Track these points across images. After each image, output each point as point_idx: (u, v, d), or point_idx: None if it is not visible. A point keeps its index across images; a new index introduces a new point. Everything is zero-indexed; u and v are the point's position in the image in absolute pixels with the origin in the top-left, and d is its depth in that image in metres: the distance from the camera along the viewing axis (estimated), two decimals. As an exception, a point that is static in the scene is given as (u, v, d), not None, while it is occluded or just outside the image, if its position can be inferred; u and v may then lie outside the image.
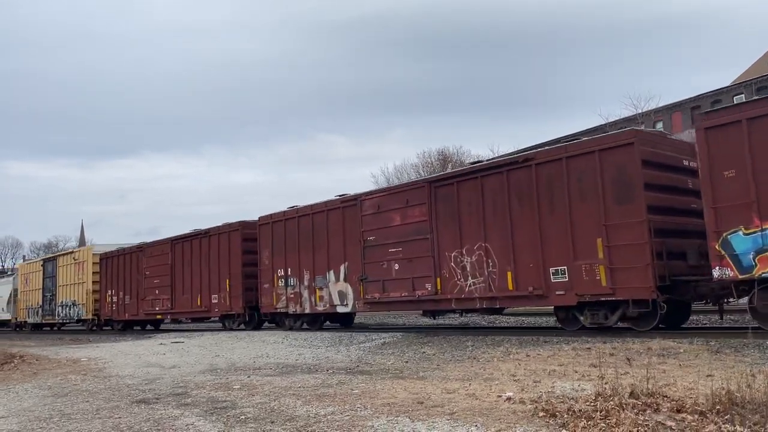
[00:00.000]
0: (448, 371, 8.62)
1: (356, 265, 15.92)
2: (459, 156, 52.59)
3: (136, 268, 25.27)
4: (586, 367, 7.95)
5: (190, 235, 22.48)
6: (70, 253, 30.90)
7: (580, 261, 11.55)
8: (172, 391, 8.27)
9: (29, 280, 34.21)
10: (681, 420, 4.61)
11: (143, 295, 24.52)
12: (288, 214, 18.35)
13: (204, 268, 21.30)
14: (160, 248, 23.94)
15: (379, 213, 15.41)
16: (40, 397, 8.65)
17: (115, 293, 26.73)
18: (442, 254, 13.95)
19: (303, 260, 17.63)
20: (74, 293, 29.10)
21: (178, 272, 22.70)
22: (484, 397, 6.35)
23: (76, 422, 6.56)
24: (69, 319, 29.80)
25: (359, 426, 5.40)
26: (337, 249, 16.51)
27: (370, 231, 15.61)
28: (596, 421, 4.76)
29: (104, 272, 27.60)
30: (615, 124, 38.75)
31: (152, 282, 24.00)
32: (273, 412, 6.35)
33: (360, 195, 16.22)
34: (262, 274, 19.07)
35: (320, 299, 17.03)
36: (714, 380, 5.84)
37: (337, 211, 16.74)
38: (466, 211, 13.58)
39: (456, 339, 12.51)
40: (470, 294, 13.32)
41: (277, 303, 18.42)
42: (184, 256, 22.47)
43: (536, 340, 11.24)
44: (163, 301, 23.30)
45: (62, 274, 30.34)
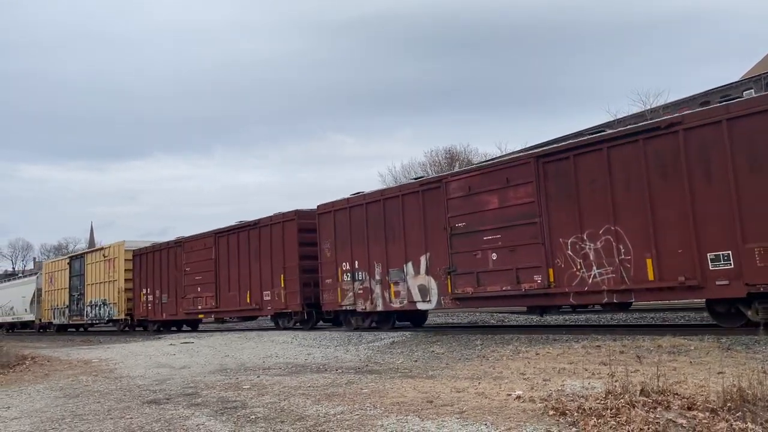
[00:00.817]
0: (458, 370, 8.62)
1: (441, 255, 13.97)
2: (466, 154, 52.47)
3: (173, 264, 23.37)
4: (596, 365, 7.92)
5: (236, 227, 20.57)
6: (99, 250, 29.16)
7: (752, 244, 9.61)
8: (182, 392, 8.31)
9: (54, 279, 32.55)
10: (692, 418, 4.59)
11: (183, 294, 22.64)
12: (353, 201, 16.47)
13: (254, 263, 19.47)
14: (201, 242, 22.04)
15: (470, 196, 13.40)
16: (51, 398, 8.72)
17: (150, 291, 24.86)
18: (554, 241, 11.97)
19: (373, 252, 15.67)
20: (104, 292, 27.45)
21: (223, 268, 20.86)
22: (494, 395, 6.34)
23: (88, 423, 6.60)
24: (99, 320, 28.18)
25: (369, 425, 5.41)
26: (417, 238, 14.59)
27: (458, 216, 13.62)
28: (606, 419, 4.74)
29: (138, 269, 25.75)
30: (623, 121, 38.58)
31: (193, 279, 22.17)
32: (283, 411, 6.37)
33: (444, 176, 14.37)
34: (323, 268, 17.16)
35: (395, 295, 15.07)
36: (725, 377, 5.81)
37: (414, 196, 14.78)
38: (587, 189, 11.54)
39: (465, 338, 12.49)
40: (595, 287, 11.34)
41: (342, 300, 16.47)
42: (230, 250, 20.60)
43: (546, 339, 11.21)
44: (206, 299, 21.54)
45: (91, 272, 28.73)
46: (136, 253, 26.01)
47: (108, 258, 27.46)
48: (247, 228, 20.06)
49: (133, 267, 26.02)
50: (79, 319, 29.71)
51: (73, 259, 31.36)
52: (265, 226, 19.30)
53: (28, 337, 30.22)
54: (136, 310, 25.74)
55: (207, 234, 21.97)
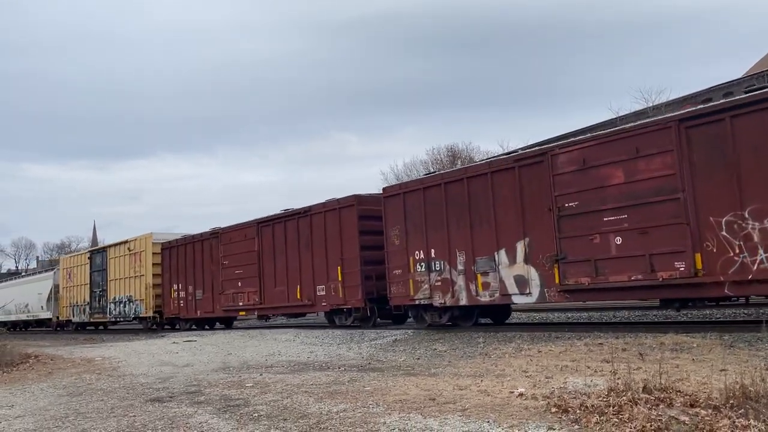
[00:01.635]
0: (460, 368, 8.63)
1: (544, 240, 12.12)
2: (468, 152, 52.44)
3: (209, 257, 21.42)
4: (598, 363, 7.93)
5: (282, 215, 18.81)
6: (123, 243, 26.54)
7: None
8: (185, 390, 8.33)
9: (73, 275, 30.67)
10: (694, 415, 4.59)
11: (221, 289, 20.70)
12: (427, 182, 14.66)
13: (305, 254, 17.71)
14: (242, 232, 20.10)
15: (586, 170, 11.50)
16: (55, 396, 8.75)
17: (182, 287, 22.87)
18: (703, 220, 10.15)
19: (455, 238, 13.79)
20: (130, 288, 25.53)
21: (267, 260, 18.95)
22: (496, 393, 6.35)
23: (92, 421, 6.63)
24: (123, 317, 26.41)
25: (371, 423, 5.42)
26: (511, 221, 12.72)
27: (569, 195, 11.74)
28: (609, 416, 4.75)
29: (167, 263, 23.74)
30: (625, 118, 38.50)
31: (232, 273, 20.28)
32: (285, 409, 6.38)
33: (549, 148, 12.33)
34: (390, 258, 15.26)
35: (484, 287, 13.20)
36: (728, 375, 5.80)
37: (508, 173, 12.86)
38: (749, 157, 9.71)
39: (467, 335, 12.50)
40: (763, 274, 9.46)
41: (415, 293, 14.60)
42: (275, 241, 18.72)
43: (548, 336, 11.22)
44: (248, 294, 19.58)
45: (114, 267, 26.82)
46: (165, 246, 23.97)
47: (133, 252, 25.47)
48: (295, 216, 18.22)
49: (162, 261, 24.12)
50: (101, 317, 28.08)
51: (94, 253, 29.53)
52: (318, 214, 17.51)
53: (33, 336, 30.23)
54: (166, 307, 23.79)
55: (248, 224, 20.04)
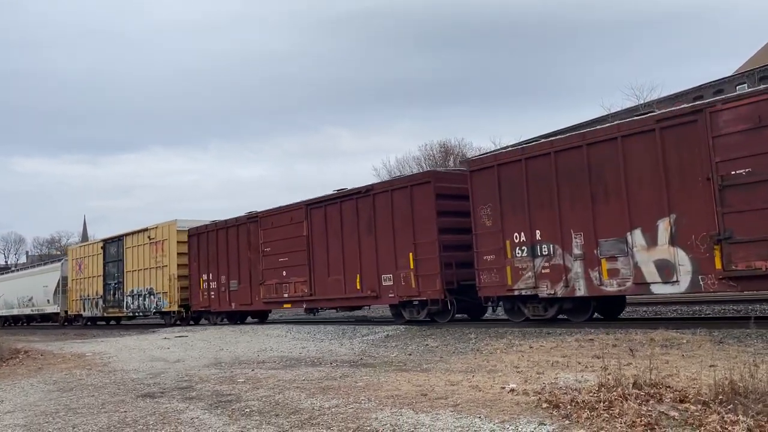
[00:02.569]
0: (452, 363, 8.65)
1: (697, 217, 10.10)
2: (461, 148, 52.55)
3: (246, 243, 19.38)
4: (589, 359, 7.97)
5: (337, 195, 16.71)
6: (142, 231, 24.46)
7: None
8: (176, 385, 8.31)
9: (84, 266, 28.59)
10: (684, 410, 4.63)
11: (261, 279, 18.57)
12: (531, 151, 12.60)
13: (366, 240, 15.58)
14: (287, 216, 18.01)
15: (762, 129, 9.45)
16: (45, 391, 8.71)
17: (213, 277, 20.75)
18: None
19: (568, 217, 11.77)
20: (151, 279, 23.49)
21: (319, 246, 16.89)
22: (488, 388, 6.38)
23: (82, 416, 6.60)
24: (143, 312, 24.46)
25: (363, 418, 5.43)
26: (649, 195, 10.71)
27: (737, 160, 9.69)
28: (599, 411, 4.78)
29: (195, 252, 21.66)
30: (617, 115, 38.67)
31: (276, 261, 18.16)
32: (277, 405, 6.38)
33: (707, 104, 10.27)
34: (480, 242, 13.16)
35: (610, 274, 11.16)
36: (717, 370, 5.85)
37: (645, 138, 10.80)
38: None
39: (459, 331, 12.53)
40: None
41: (514, 282, 12.59)
42: (328, 225, 16.66)
43: (539, 332, 11.26)
44: (294, 285, 17.52)
45: (132, 257, 24.81)
46: (192, 233, 21.90)
47: (154, 240, 23.39)
48: (353, 196, 16.07)
49: (188, 249, 22.00)
50: (117, 311, 26.25)
51: (109, 242, 27.27)
52: (383, 193, 15.40)
53: (21, 331, 29.98)
54: (194, 299, 21.73)
55: (295, 206, 17.97)
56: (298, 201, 17.99)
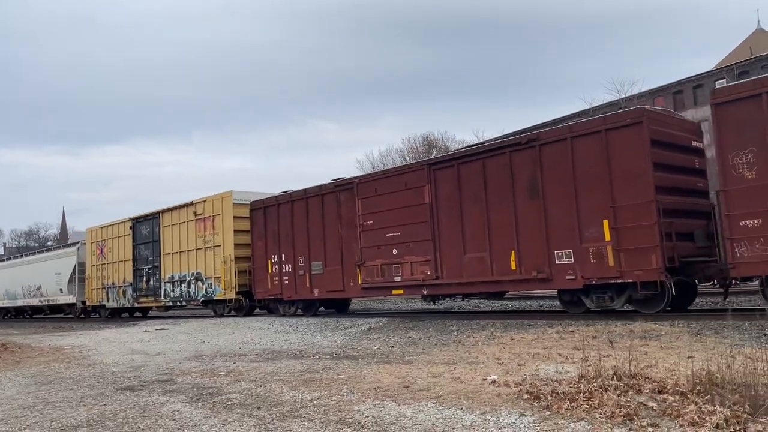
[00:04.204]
0: (434, 355, 8.68)
1: None
2: (444, 141, 52.63)
3: (335, 216, 16.01)
4: (569, 350, 8.04)
5: (478, 151, 13.45)
6: (186, 206, 20.92)
7: None
8: (157, 378, 8.24)
9: (107, 250, 25.19)
10: (662, 401, 4.69)
11: (360, 259, 15.24)
12: None
13: (526, 205, 12.20)
14: (399, 180, 14.55)
15: None
16: (23, 385, 8.58)
17: (286, 259, 17.36)
18: None
19: None
20: (197, 263, 20.17)
21: (448, 216, 13.48)
22: (470, 380, 6.41)
23: (61, 410, 6.52)
24: (187, 301, 21.07)
25: (345, 410, 5.43)
26: None
27: None
28: (579, 402, 4.82)
29: (260, 229, 18.22)
30: (599, 109, 38.94)
31: (381, 237, 14.79)
32: (259, 397, 6.35)
33: None
34: (734, 201, 9.89)
35: None
36: (694, 361, 5.94)
37: None
38: None
39: (441, 323, 12.58)
40: None
41: None
42: (463, 188, 13.29)
43: (520, 324, 11.34)
44: (411, 266, 14.16)
45: (171, 237, 21.49)
46: (256, 206, 18.47)
47: (202, 216, 20.04)
48: (506, 150, 12.68)
49: (251, 226, 18.62)
50: (152, 301, 22.85)
51: (139, 221, 23.58)
52: (555, 143, 11.99)
53: (2, 324, 29.45)
54: (258, 286, 18.27)
55: (411, 167, 14.99)
56: (416, 161, 14.39)
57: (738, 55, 50.80)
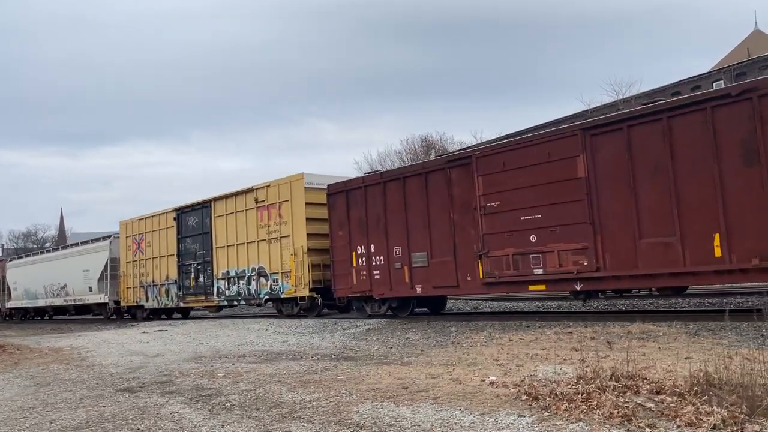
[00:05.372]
0: (432, 356, 8.70)
1: None
2: (443, 142, 52.68)
3: (444, 198, 13.49)
4: (567, 351, 8.06)
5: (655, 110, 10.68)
6: (246, 192, 18.49)
7: None
8: (156, 380, 8.25)
9: (146, 244, 22.93)
10: (660, 401, 4.71)
11: (481, 248, 12.70)
12: None
13: (736, 173, 9.77)
14: (539, 151, 11.94)
15: None
16: (22, 386, 8.58)
17: (377, 250, 14.92)
18: None
19: None
20: (260, 256, 17.90)
21: (612, 192, 11.07)
22: (468, 381, 6.42)
23: (60, 411, 6.53)
24: (247, 299, 18.64)
25: (344, 411, 5.44)
26: None
27: None
28: (577, 403, 4.84)
29: (341, 216, 15.75)
30: (597, 110, 39.03)
31: (513, 220, 12.26)
32: (258, 399, 6.37)
33: None
34: None
35: None
36: (692, 362, 5.96)
37: None
38: None
39: (440, 324, 12.60)
40: None
41: None
42: (635, 158, 10.84)
43: (519, 325, 11.36)
44: (559, 255, 11.60)
45: (227, 228, 19.11)
46: (335, 190, 16.07)
47: (265, 203, 17.78)
48: (699, 105, 10.21)
49: (329, 213, 16.20)
50: (201, 300, 20.40)
51: (185, 211, 21.05)
52: None
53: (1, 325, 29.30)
54: (340, 281, 15.84)
55: (556, 134, 12.01)
56: (566, 127, 12.29)
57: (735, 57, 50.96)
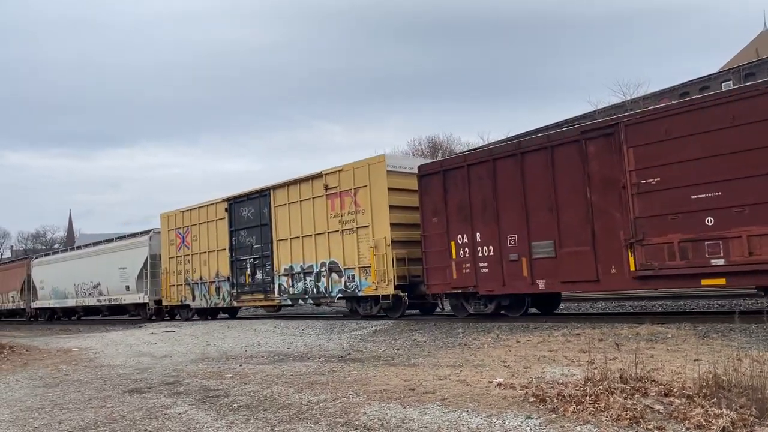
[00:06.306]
0: (440, 358, 8.68)
1: None
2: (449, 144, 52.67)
3: (578, 177, 11.54)
4: (575, 353, 8.03)
5: None
6: (313, 178, 16.83)
7: None
8: (164, 380, 8.28)
9: (191, 239, 21.06)
10: (669, 404, 4.68)
11: (634, 235, 10.69)
12: None
13: None
14: (714, 115, 9.91)
15: None
16: (31, 387, 8.64)
17: (484, 239, 13.00)
18: None
19: None
20: (331, 250, 16.13)
21: None
22: (475, 383, 6.41)
23: (69, 412, 6.56)
24: (316, 297, 16.84)
25: (351, 413, 5.44)
26: None
27: None
28: (585, 405, 4.82)
29: (437, 201, 13.92)
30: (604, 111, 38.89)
31: (679, 200, 10.25)
32: (266, 400, 6.38)
33: None
34: None
35: None
36: (701, 364, 5.91)
37: None
38: None
39: (447, 326, 12.58)
40: None
41: None
42: None
43: (526, 327, 11.33)
44: (749, 241, 9.54)
45: (289, 219, 17.41)
46: (430, 170, 14.30)
47: (336, 190, 16.07)
48: None
49: (421, 198, 14.32)
50: (260, 299, 18.73)
51: (239, 201, 19.31)
52: None
53: (7, 326, 29.44)
54: (433, 276, 13.99)
55: (745, 91, 9.97)
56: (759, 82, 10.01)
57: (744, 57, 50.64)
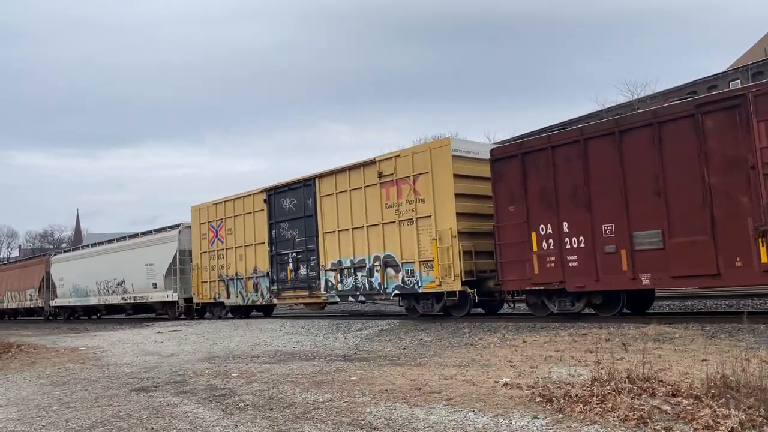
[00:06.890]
0: (446, 358, 8.67)
1: None
2: (455, 143, 52.55)
3: (693, 156, 10.19)
4: (582, 353, 8.00)
5: None
6: (365, 165, 15.58)
7: None
8: (170, 379, 8.30)
9: (225, 231, 19.82)
10: (676, 404, 4.65)
11: (766, 221, 9.41)
12: None
13: None
14: None
15: None
16: (38, 385, 8.68)
17: (572, 229, 11.78)
18: None
19: None
20: (386, 243, 14.86)
21: None
22: (482, 383, 6.39)
23: (75, 410, 6.58)
24: (368, 294, 15.59)
25: (357, 412, 5.44)
26: None
27: None
28: (592, 405, 4.80)
29: (516, 188, 12.65)
30: (611, 111, 38.77)
31: None
32: (272, 399, 6.38)
33: None
34: None
35: None
36: (709, 364, 5.89)
37: None
38: None
39: (453, 325, 12.56)
40: None
41: None
42: None
43: (533, 326, 11.30)
44: None
45: (336, 209, 16.20)
46: (506, 154, 13.03)
47: (392, 178, 14.82)
48: None
49: (494, 185, 13.03)
50: (303, 296, 17.37)
51: (279, 192, 18.04)
52: None
53: (14, 324, 29.62)
54: (509, 271, 12.73)
55: None
56: None
57: (752, 56, 50.36)
